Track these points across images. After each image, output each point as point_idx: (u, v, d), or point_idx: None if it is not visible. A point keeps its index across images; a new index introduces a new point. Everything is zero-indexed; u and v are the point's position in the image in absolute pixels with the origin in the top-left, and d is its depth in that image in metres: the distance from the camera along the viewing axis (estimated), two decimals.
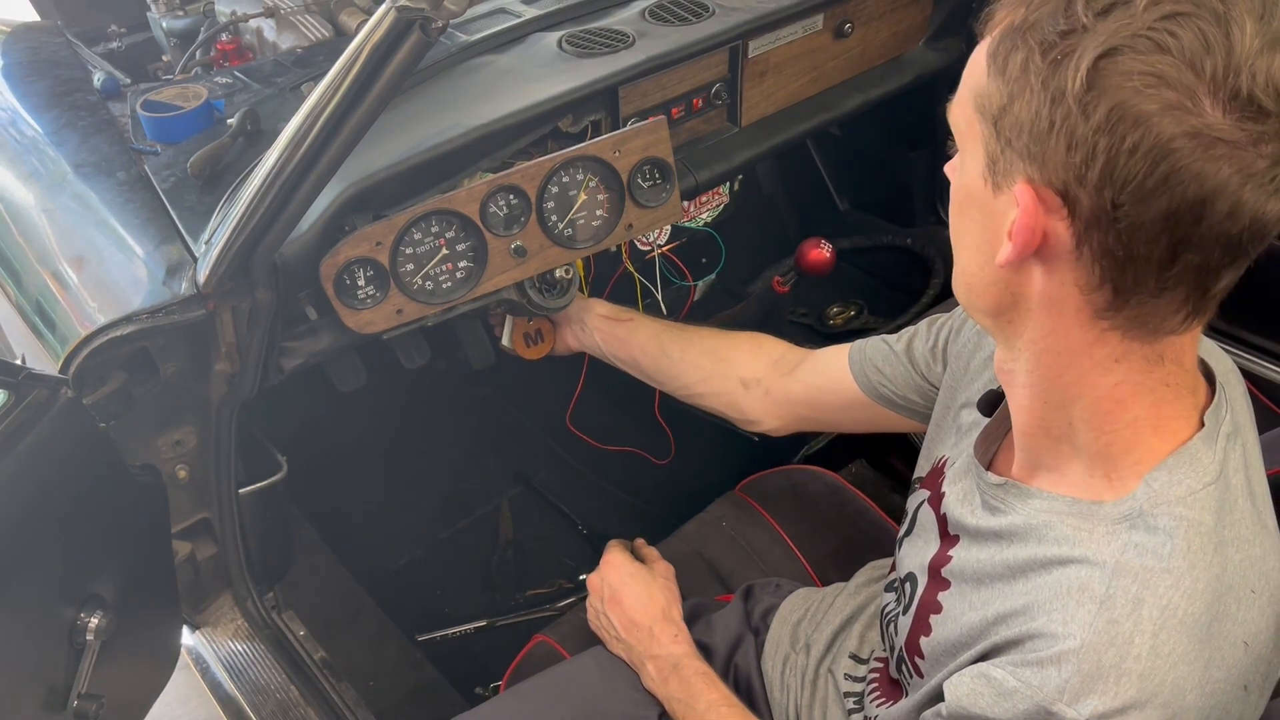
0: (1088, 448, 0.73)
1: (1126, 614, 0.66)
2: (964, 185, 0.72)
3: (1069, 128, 0.61)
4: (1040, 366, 0.73)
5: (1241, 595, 0.68)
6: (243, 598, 1.43)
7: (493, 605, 1.86)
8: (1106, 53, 0.60)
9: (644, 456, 1.95)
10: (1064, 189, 0.63)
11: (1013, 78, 0.64)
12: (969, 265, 0.74)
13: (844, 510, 1.42)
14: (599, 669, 1.17)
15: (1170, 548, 0.67)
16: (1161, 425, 0.71)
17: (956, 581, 0.82)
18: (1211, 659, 0.66)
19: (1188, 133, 0.58)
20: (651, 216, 1.36)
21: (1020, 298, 0.70)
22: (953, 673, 0.76)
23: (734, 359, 1.29)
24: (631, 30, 1.43)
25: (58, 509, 1.06)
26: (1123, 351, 0.69)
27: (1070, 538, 0.72)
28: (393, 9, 0.83)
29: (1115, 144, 0.60)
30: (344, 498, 2.02)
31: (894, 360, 1.10)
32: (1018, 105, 0.64)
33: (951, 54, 1.82)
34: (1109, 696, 0.65)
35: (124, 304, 1.10)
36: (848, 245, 2.21)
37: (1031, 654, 0.69)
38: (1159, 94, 0.59)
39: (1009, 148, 0.66)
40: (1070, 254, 0.65)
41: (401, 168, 1.17)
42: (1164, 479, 0.70)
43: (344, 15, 1.60)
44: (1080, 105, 0.61)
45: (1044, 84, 0.62)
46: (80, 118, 1.43)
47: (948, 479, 0.90)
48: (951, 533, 0.86)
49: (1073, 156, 0.62)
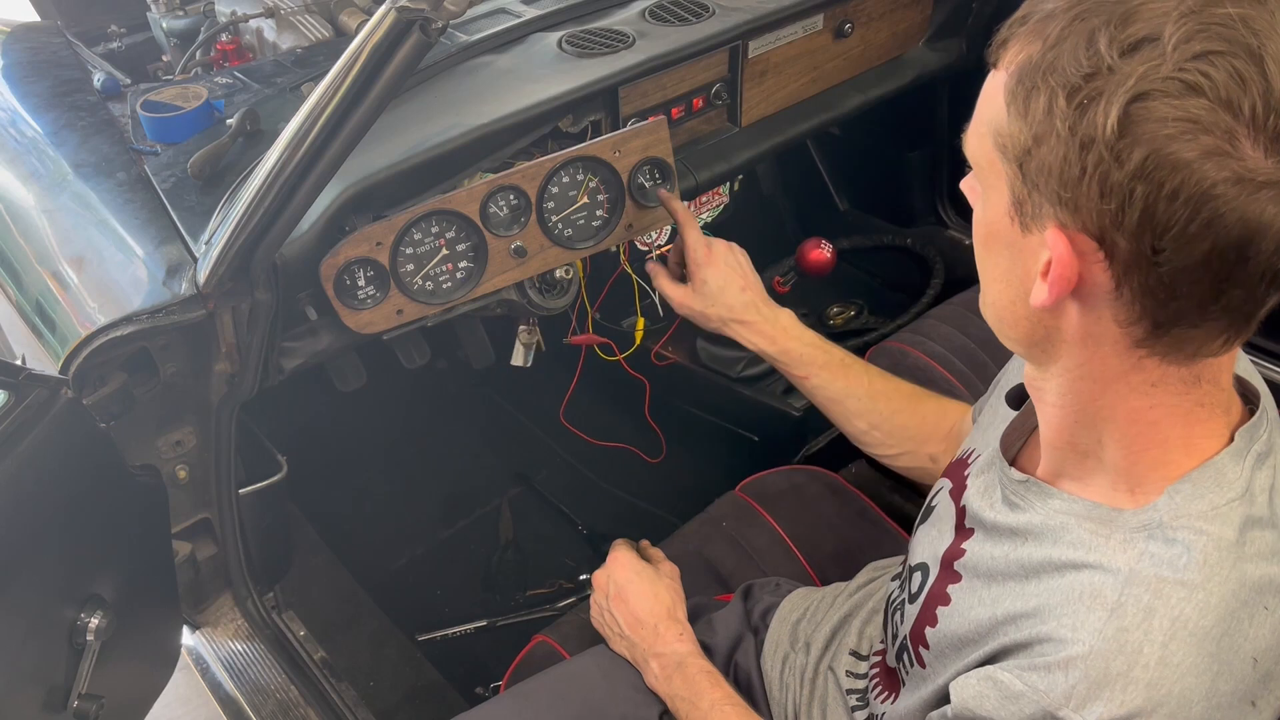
0: (1114, 464, 0.72)
1: (1137, 623, 0.66)
2: (989, 221, 0.70)
3: (1101, 174, 0.59)
4: (1073, 391, 0.72)
5: (1255, 611, 0.68)
6: (243, 598, 1.43)
7: (493, 605, 1.86)
8: (1137, 97, 0.57)
9: (637, 454, 1.95)
10: (1100, 235, 0.61)
11: (1036, 120, 0.62)
12: (999, 299, 0.72)
13: (844, 510, 1.42)
14: (599, 669, 1.17)
15: (1187, 560, 0.67)
16: (1192, 444, 0.70)
17: (968, 576, 0.82)
18: (1220, 672, 0.66)
19: (1230, 178, 0.56)
20: (651, 216, 1.36)
21: (1055, 331, 0.69)
22: (959, 672, 0.76)
23: (925, 438, 1.21)
24: (631, 30, 1.43)
25: (58, 509, 1.06)
26: (1159, 376, 0.68)
27: (1086, 542, 0.71)
28: (393, 9, 0.83)
29: (1153, 191, 0.58)
30: (344, 498, 2.02)
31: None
32: (1044, 149, 0.62)
33: (951, 54, 1.83)
34: (1115, 704, 0.65)
35: (124, 304, 1.10)
36: (848, 245, 2.21)
37: (1039, 658, 0.69)
38: (1196, 140, 0.56)
39: (1036, 190, 0.63)
40: (1109, 294, 0.64)
41: (401, 168, 1.17)
42: (1187, 491, 0.69)
43: (344, 15, 1.60)
44: (1113, 152, 0.58)
45: (1071, 130, 0.60)
46: (80, 118, 1.43)
47: (972, 471, 0.90)
48: (968, 525, 0.85)
49: (1107, 203, 0.59)
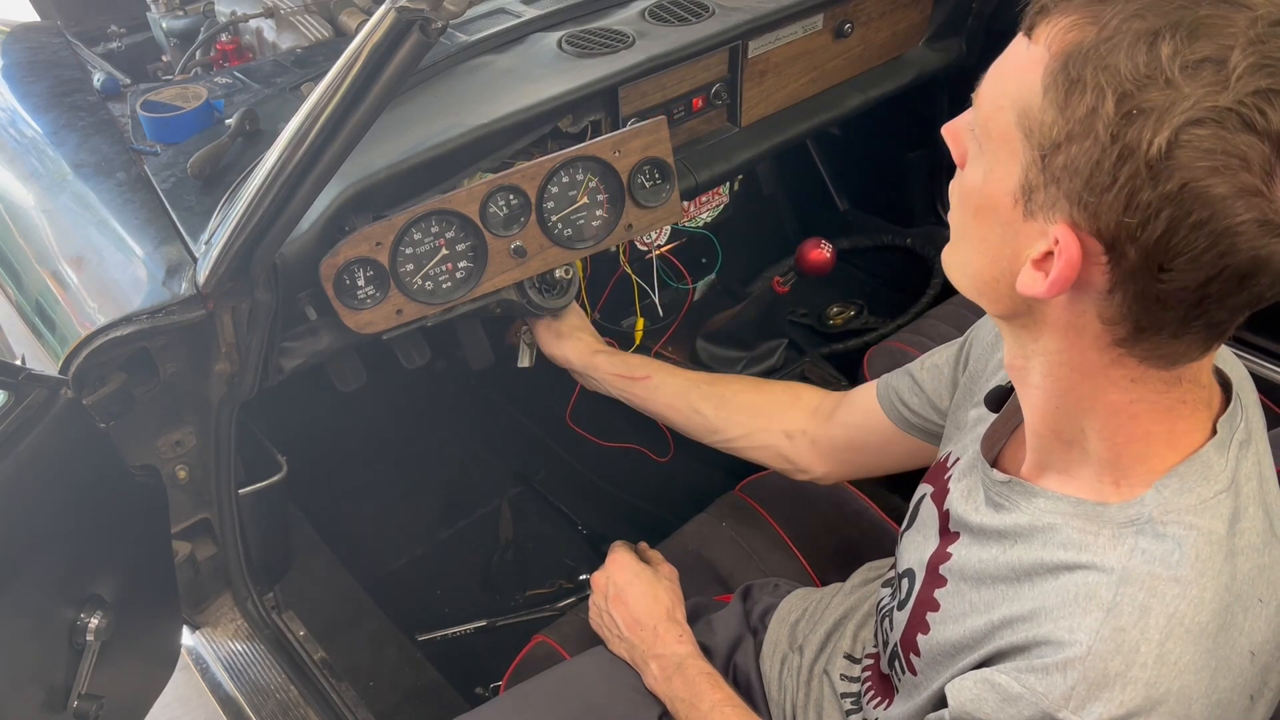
0: (1098, 455, 0.73)
1: (1133, 622, 0.66)
2: (986, 193, 0.68)
3: (1132, 189, 0.58)
4: (1053, 376, 0.72)
5: (1249, 604, 0.68)
6: (243, 598, 1.43)
7: (493, 605, 1.86)
8: (1191, 123, 0.56)
9: (645, 454, 1.95)
10: (1112, 242, 0.61)
11: (1075, 117, 0.60)
12: (980, 271, 0.72)
13: (844, 510, 1.42)
14: (599, 669, 1.17)
15: (1179, 556, 0.67)
16: (1176, 439, 0.71)
17: (954, 580, 0.82)
18: (1218, 668, 0.66)
19: (1256, 219, 0.57)
20: (651, 217, 1.36)
21: (1036, 312, 0.69)
22: (954, 676, 0.76)
23: (773, 412, 1.25)
24: (631, 30, 1.43)
25: (58, 509, 1.06)
26: (1139, 374, 0.68)
27: (1077, 541, 0.71)
28: (393, 9, 0.83)
29: (1180, 216, 0.58)
30: (344, 498, 2.02)
31: (915, 385, 1.08)
32: (1075, 148, 0.60)
33: (951, 54, 1.83)
34: (1114, 704, 0.65)
35: (124, 304, 1.10)
36: (848, 245, 2.22)
37: (1037, 660, 0.69)
38: (1235, 176, 0.56)
39: (1055, 185, 0.62)
40: (1100, 293, 0.64)
41: (401, 168, 1.17)
42: (1175, 486, 0.69)
43: (344, 15, 1.60)
44: (1151, 171, 0.57)
45: (1113, 137, 0.58)
46: (80, 118, 1.43)
47: (954, 475, 0.90)
48: (952, 529, 0.85)
49: (1130, 217, 0.59)
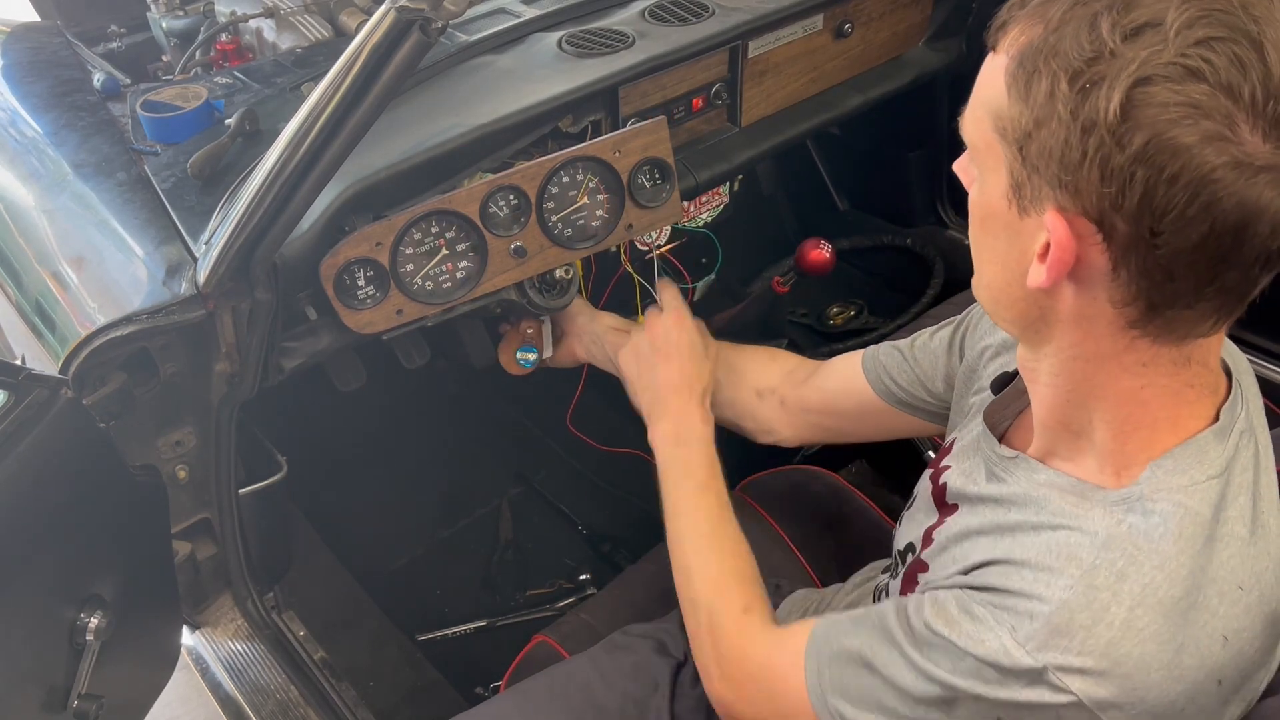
0: (1104, 445, 0.74)
1: (1108, 584, 0.68)
2: (986, 204, 0.71)
3: (1102, 158, 0.60)
4: (1066, 371, 0.73)
5: (1226, 590, 0.69)
6: (243, 598, 1.43)
7: (493, 605, 1.86)
8: (1139, 82, 0.58)
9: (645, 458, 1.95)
10: (1099, 218, 0.62)
11: (1037, 104, 0.63)
12: (994, 280, 0.74)
13: (844, 510, 1.42)
14: (599, 669, 1.16)
15: (1162, 531, 0.69)
16: (1179, 424, 0.72)
17: (942, 539, 0.84)
18: (1184, 645, 0.67)
19: (1229, 163, 0.58)
20: (651, 217, 1.36)
21: (1050, 311, 0.70)
22: (935, 588, 0.78)
23: (747, 369, 1.29)
24: (631, 30, 1.43)
25: (58, 509, 1.06)
26: (1151, 356, 0.69)
27: (1068, 512, 0.73)
28: (393, 9, 0.83)
29: (1153, 175, 0.59)
30: (344, 498, 2.02)
31: (906, 363, 1.11)
32: (1044, 133, 0.63)
33: (951, 54, 1.82)
34: (1071, 654, 0.67)
35: (124, 304, 1.10)
36: (848, 245, 2.21)
37: (1009, 600, 0.71)
38: (1196, 125, 0.57)
39: (1036, 174, 0.64)
40: (1106, 275, 0.65)
41: (401, 168, 1.17)
42: (1169, 466, 0.71)
43: (344, 15, 1.60)
44: (1114, 136, 0.59)
45: (1073, 113, 0.61)
46: (80, 118, 1.43)
47: (953, 455, 0.92)
48: (950, 502, 0.87)
49: (1107, 187, 0.60)
